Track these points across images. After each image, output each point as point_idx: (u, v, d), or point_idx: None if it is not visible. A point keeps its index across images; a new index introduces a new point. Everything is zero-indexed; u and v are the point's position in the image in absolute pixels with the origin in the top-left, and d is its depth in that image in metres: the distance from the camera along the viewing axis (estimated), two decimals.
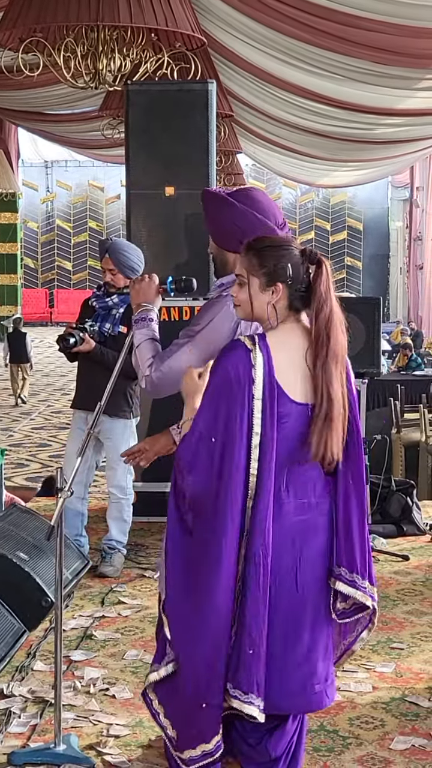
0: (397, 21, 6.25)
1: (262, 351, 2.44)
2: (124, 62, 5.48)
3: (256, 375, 2.43)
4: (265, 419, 2.44)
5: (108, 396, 3.15)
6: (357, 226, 24.92)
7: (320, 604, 2.58)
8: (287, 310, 2.53)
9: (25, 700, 3.51)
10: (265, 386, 2.43)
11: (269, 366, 2.44)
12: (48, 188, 25.40)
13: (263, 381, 2.43)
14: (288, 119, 10.29)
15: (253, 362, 2.43)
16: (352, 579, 2.55)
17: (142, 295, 2.97)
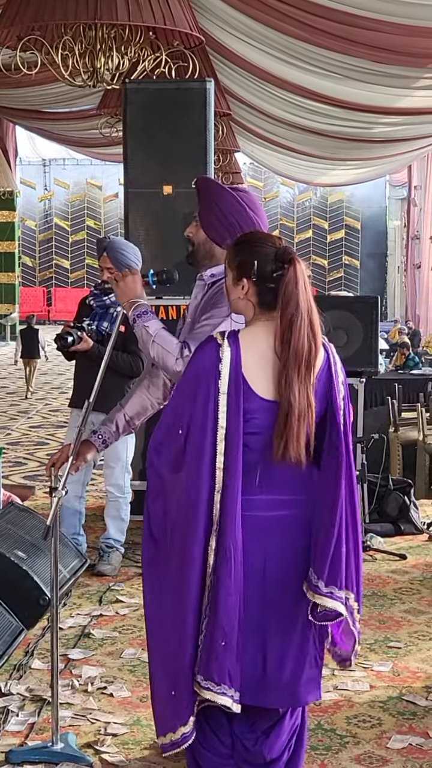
0: (395, 20, 6.26)
1: (230, 346, 2.47)
2: (122, 60, 5.48)
3: (222, 370, 2.45)
4: (230, 414, 2.44)
5: (97, 392, 3.14)
6: (355, 224, 24.93)
7: (291, 604, 2.55)
8: (258, 307, 2.53)
9: (23, 698, 3.51)
10: (231, 381, 2.44)
11: (237, 361, 2.46)
12: (46, 186, 25.39)
13: (229, 376, 2.45)
14: (286, 118, 10.30)
15: (221, 357, 2.46)
16: (316, 584, 2.51)
17: (129, 292, 2.95)
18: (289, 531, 2.53)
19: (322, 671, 2.61)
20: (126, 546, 5.10)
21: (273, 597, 2.53)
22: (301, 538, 2.54)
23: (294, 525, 2.53)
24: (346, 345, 6.32)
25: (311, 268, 15.06)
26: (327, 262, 24.97)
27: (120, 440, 4.90)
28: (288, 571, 2.53)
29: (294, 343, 2.45)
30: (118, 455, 4.96)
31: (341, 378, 2.57)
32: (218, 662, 2.44)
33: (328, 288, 24.10)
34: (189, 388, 2.49)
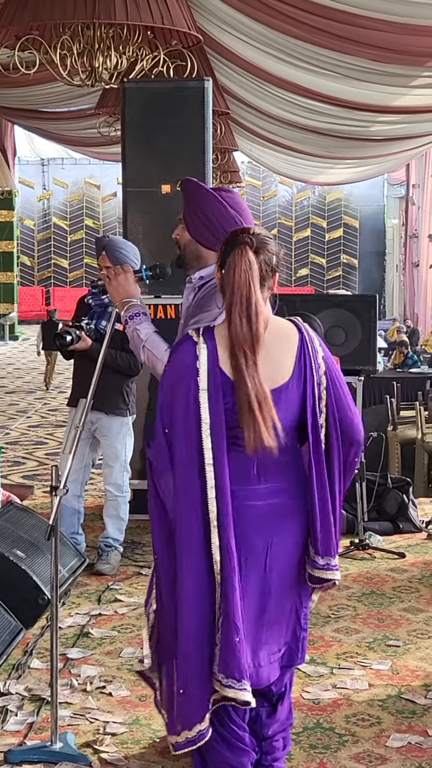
0: (393, 18, 6.25)
1: (206, 343, 2.49)
2: (120, 60, 5.48)
3: (200, 367, 2.47)
4: (212, 408, 2.46)
5: (93, 392, 3.14)
6: (353, 223, 24.92)
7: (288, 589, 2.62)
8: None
9: (22, 698, 3.51)
10: (209, 377, 2.47)
11: (213, 357, 2.47)
12: (44, 186, 25.36)
13: (208, 372, 2.47)
14: (284, 116, 10.29)
15: (198, 354, 2.48)
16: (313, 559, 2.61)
17: (122, 291, 2.95)
18: (289, 518, 2.57)
19: (320, 669, 2.62)
20: (125, 545, 5.10)
21: (273, 584, 2.58)
22: (301, 524, 2.58)
23: (293, 511, 2.58)
24: (345, 343, 6.32)
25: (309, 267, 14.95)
26: (325, 260, 24.97)
27: (118, 440, 4.94)
28: (288, 557, 2.58)
29: (233, 328, 2.45)
30: (117, 454, 4.96)
31: (321, 354, 2.58)
32: (236, 658, 2.48)
33: (326, 287, 24.09)
34: (169, 388, 2.52)
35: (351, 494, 5.49)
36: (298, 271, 25.02)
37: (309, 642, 3.99)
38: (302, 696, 3.53)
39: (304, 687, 3.60)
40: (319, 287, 24.14)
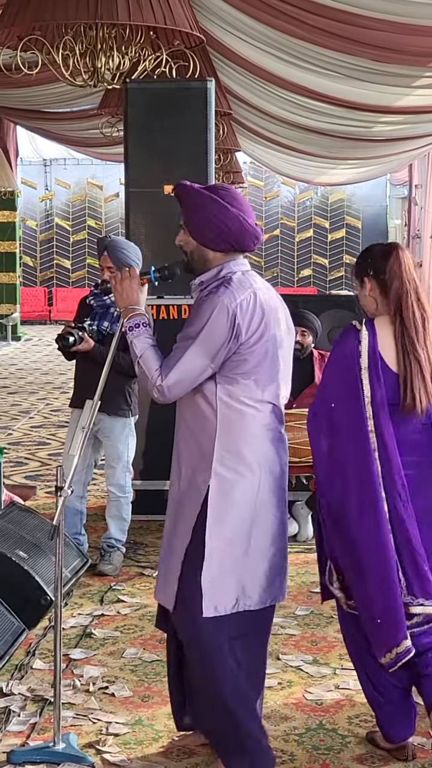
0: (396, 18, 6.25)
1: (368, 330, 2.99)
2: (122, 60, 5.47)
3: (362, 350, 2.96)
4: (372, 384, 2.94)
5: (100, 393, 3.14)
6: (356, 224, 24.92)
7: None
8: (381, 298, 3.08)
9: (25, 698, 3.51)
10: (369, 357, 2.95)
11: (373, 342, 2.97)
12: (47, 186, 25.38)
13: (368, 353, 2.96)
14: (286, 117, 10.29)
15: (360, 339, 2.98)
16: None
17: (126, 297, 2.95)
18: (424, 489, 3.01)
19: (323, 670, 2.63)
20: (127, 546, 5.10)
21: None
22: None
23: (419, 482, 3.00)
24: None
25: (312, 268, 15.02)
26: (328, 261, 24.96)
27: (121, 440, 4.94)
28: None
29: (408, 314, 2.96)
30: (120, 455, 4.96)
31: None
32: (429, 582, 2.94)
33: (329, 287, 24.08)
34: (335, 368, 3.02)
35: None
36: (301, 272, 25.02)
37: (311, 643, 4.00)
38: (305, 697, 3.53)
39: (307, 688, 3.60)
40: (322, 288, 24.14)
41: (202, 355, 2.79)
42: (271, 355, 2.90)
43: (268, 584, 2.92)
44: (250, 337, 2.82)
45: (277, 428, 2.95)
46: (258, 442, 2.89)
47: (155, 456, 5.44)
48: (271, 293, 2.97)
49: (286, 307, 3.04)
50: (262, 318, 2.85)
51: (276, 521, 2.94)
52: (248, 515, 2.88)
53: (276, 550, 2.95)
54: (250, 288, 2.86)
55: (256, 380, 2.87)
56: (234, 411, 2.85)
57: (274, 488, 2.93)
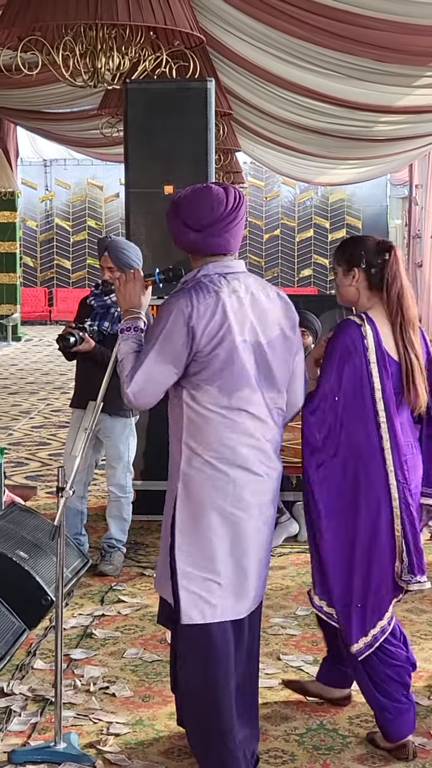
0: (396, 18, 6.25)
1: (369, 325, 3.09)
2: (122, 61, 5.47)
3: (368, 345, 3.07)
4: (381, 377, 3.08)
5: (103, 394, 3.14)
6: (356, 224, 24.92)
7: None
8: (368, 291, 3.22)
9: (26, 698, 3.51)
10: (377, 352, 3.08)
11: (377, 336, 3.09)
12: (47, 187, 25.38)
13: (375, 348, 3.08)
14: (287, 117, 10.29)
15: (365, 334, 3.08)
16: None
17: (128, 299, 2.93)
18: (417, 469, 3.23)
19: None
20: (128, 546, 5.10)
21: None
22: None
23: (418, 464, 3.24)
24: None
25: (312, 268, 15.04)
26: (328, 261, 24.95)
27: (122, 440, 4.94)
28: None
29: (407, 310, 3.12)
30: (120, 455, 4.96)
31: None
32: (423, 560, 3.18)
33: (329, 287, 24.09)
34: (338, 363, 3.07)
35: None
36: (301, 272, 25.01)
37: (312, 643, 4.01)
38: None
39: None
40: (323, 288, 24.14)
41: (162, 360, 2.75)
42: (239, 361, 2.78)
43: (243, 593, 2.83)
44: (209, 342, 2.74)
45: (253, 436, 2.82)
46: (225, 448, 2.79)
47: (156, 456, 5.44)
48: (254, 297, 2.85)
49: (287, 302, 2.95)
50: (222, 323, 2.75)
51: (252, 528, 2.84)
52: (215, 520, 2.80)
53: (251, 559, 2.85)
54: (217, 290, 2.77)
55: (220, 386, 2.77)
56: (199, 416, 2.80)
57: (248, 494, 2.83)
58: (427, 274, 19.27)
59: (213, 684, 2.81)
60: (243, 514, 2.83)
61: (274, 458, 2.91)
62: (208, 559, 2.81)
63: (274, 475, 2.91)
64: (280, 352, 2.89)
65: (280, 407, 2.92)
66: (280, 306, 2.92)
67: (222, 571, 2.81)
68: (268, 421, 2.87)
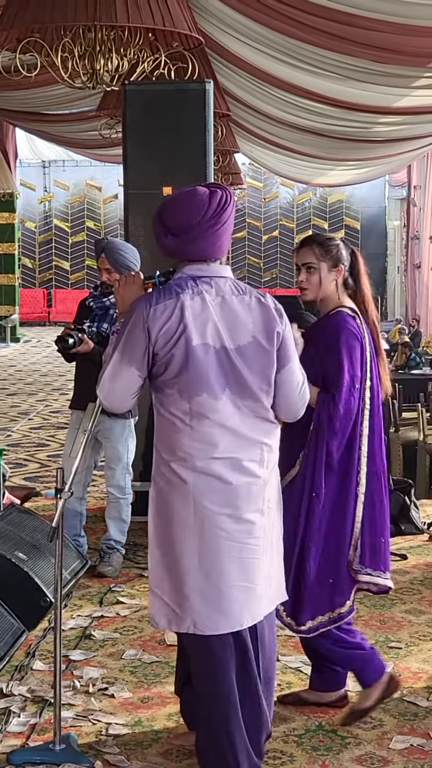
0: (394, 19, 6.25)
1: (360, 318, 3.33)
2: (121, 62, 5.47)
3: (364, 341, 3.29)
4: (373, 365, 3.30)
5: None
6: (354, 225, 24.93)
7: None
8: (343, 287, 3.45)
9: (25, 699, 3.51)
10: (370, 346, 3.31)
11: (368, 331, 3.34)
12: (45, 188, 25.39)
13: (369, 342, 3.31)
14: (285, 118, 10.30)
15: (360, 325, 3.31)
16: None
17: (126, 302, 2.91)
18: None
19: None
20: (127, 547, 5.10)
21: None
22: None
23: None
24: None
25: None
26: None
27: (121, 442, 4.94)
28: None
29: (371, 306, 3.39)
30: (119, 456, 4.96)
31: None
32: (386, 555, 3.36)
33: None
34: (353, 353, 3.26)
35: None
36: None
37: None
38: None
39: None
40: None
41: (125, 362, 2.74)
42: (196, 365, 2.71)
43: (214, 609, 2.73)
44: (165, 344, 2.70)
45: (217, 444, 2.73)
46: (185, 454, 2.73)
47: None
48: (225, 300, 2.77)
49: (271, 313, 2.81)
50: (179, 325, 2.70)
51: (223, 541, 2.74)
52: (179, 529, 2.75)
53: (227, 574, 2.74)
54: (177, 294, 2.74)
55: (179, 390, 2.73)
56: (165, 420, 2.78)
57: (219, 504, 2.73)
58: (425, 275, 19.27)
59: (215, 690, 2.79)
60: (208, 524, 2.73)
61: (253, 466, 2.78)
62: (176, 570, 2.76)
63: (254, 482, 2.78)
64: (253, 361, 2.78)
65: (262, 416, 2.81)
66: (258, 314, 2.80)
67: (191, 583, 2.74)
68: (240, 429, 2.76)
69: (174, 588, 2.77)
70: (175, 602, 2.77)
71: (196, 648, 2.82)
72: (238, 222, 24.79)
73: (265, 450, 2.82)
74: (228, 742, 2.77)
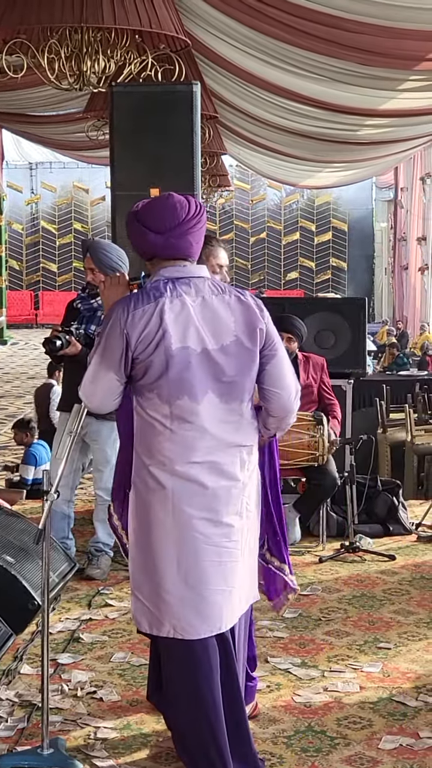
0: (380, 22, 6.27)
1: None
2: (108, 64, 5.47)
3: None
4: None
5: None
6: (342, 227, 24.98)
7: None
8: None
9: (12, 703, 3.50)
10: None
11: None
12: (32, 190, 25.35)
13: None
14: (272, 120, 10.31)
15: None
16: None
17: (108, 305, 2.92)
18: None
19: (311, 672, 2.64)
20: (115, 550, 5.09)
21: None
22: None
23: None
24: (334, 346, 6.34)
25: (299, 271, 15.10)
26: (314, 264, 25.02)
27: (108, 444, 4.93)
28: None
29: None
30: (107, 458, 4.94)
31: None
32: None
33: (315, 290, 24.13)
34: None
35: (341, 497, 5.49)
36: (287, 275, 25.04)
37: (300, 645, 4.00)
38: (293, 699, 3.53)
39: (296, 690, 3.60)
40: (309, 290, 24.18)
41: (104, 366, 2.75)
42: (176, 369, 2.70)
43: (193, 613, 2.73)
44: (144, 349, 2.70)
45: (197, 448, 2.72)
46: (164, 458, 2.73)
47: None
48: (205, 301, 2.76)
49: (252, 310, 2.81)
50: (157, 330, 2.69)
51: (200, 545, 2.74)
52: (157, 533, 2.74)
53: (206, 577, 2.74)
54: (156, 298, 2.73)
55: (158, 394, 2.73)
56: (146, 423, 2.78)
57: (198, 508, 2.73)
58: (412, 277, 19.32)
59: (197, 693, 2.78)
60: (186, 528, 2.73)
61: (234, 470, 2.78)
62: (154, 573, 2.76)
63: (234, 485, 2.78)
64: (236, 360, 2.77)
65: (245, 416, 2.80)
66: (239, 313, 2.79)
67: (169, 588, 2.74)
68: (220, 434, 2.75)
69: (153, 591, 2.76)
70: (154, 605, 2.77)
71: (172, 652, 2.80)
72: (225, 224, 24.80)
73: (245, 452, 2.82)
74: (213, 743, 2.77)
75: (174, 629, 2.75)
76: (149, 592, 2.77)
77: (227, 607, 2.79)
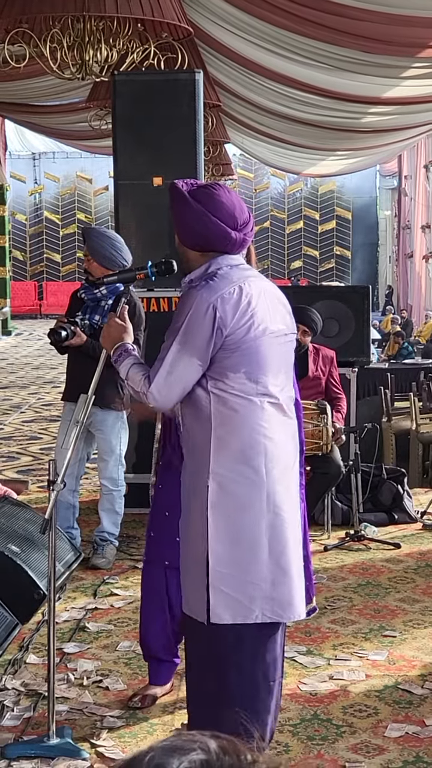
0: (384, 9, 6.24)
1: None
2: (110, 53, 5.45)
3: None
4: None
5: (95, 387, 3.13)
6: (346, 215, 24.92)
7: None
8: None
9: (19, 693, 3.51)
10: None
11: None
12: (36, 180, 25.32)
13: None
14: (275, 109, 10.27)
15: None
16: None
17: (111, 341, 2.91)
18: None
19: (317, 660, 2.62)
20: (120, 539, 5.10)
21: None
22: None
23: None
24: (338, 335, 6.33)
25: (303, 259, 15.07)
26: (318, 252, 24.97)
27: (113, 434, 4.94)
28: None
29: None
30: (112, 448, 4.95)
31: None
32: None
33: (320, 279, 24.10)
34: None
35: (346, 485, 5.49)
36: (291, 264, 24.99)
37: (305, 633, 4.01)
38: (299, 687, 3.54)
39: (301, 678, 3.61)
40: (313, 279, 24.14)
41: (187, 353, 2.70)
42: (264, 347, 2.73)
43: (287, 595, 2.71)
44: (237, 329, 2.69)
45: (280, 421, 2.76)
46: (258, 439, 2.71)
47: (148, 449, 5.43)
48: (267, 285, 2.84)
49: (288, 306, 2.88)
50: (248, 309, 2.71)
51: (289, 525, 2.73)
52: (252, 520, 2.70)
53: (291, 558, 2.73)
54: (236, 281, 2.73)
55: (247, 373, 2.71)
56: (227, 407, 2.72)
57: (283, 488, 2.73)
58: (417, 265, 19.27)
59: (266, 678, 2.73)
60: (279, 510, 2.72)
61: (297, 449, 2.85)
62: (247, 563, 2.70)
63: (298, 466, 2.85)
64: (288, 347, 2.85)
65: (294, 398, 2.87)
66: (285, 305, 2.89)
67: (265, 575, 2.70)
68: (288, 412, 2.81)
69: (242, 580, 2.70)
70: (243, 594, 2.70)
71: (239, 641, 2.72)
72: None
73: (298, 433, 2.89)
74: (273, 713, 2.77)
75: (263, 613, 2.71)
76: (238, 582, 2.70)
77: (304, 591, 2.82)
